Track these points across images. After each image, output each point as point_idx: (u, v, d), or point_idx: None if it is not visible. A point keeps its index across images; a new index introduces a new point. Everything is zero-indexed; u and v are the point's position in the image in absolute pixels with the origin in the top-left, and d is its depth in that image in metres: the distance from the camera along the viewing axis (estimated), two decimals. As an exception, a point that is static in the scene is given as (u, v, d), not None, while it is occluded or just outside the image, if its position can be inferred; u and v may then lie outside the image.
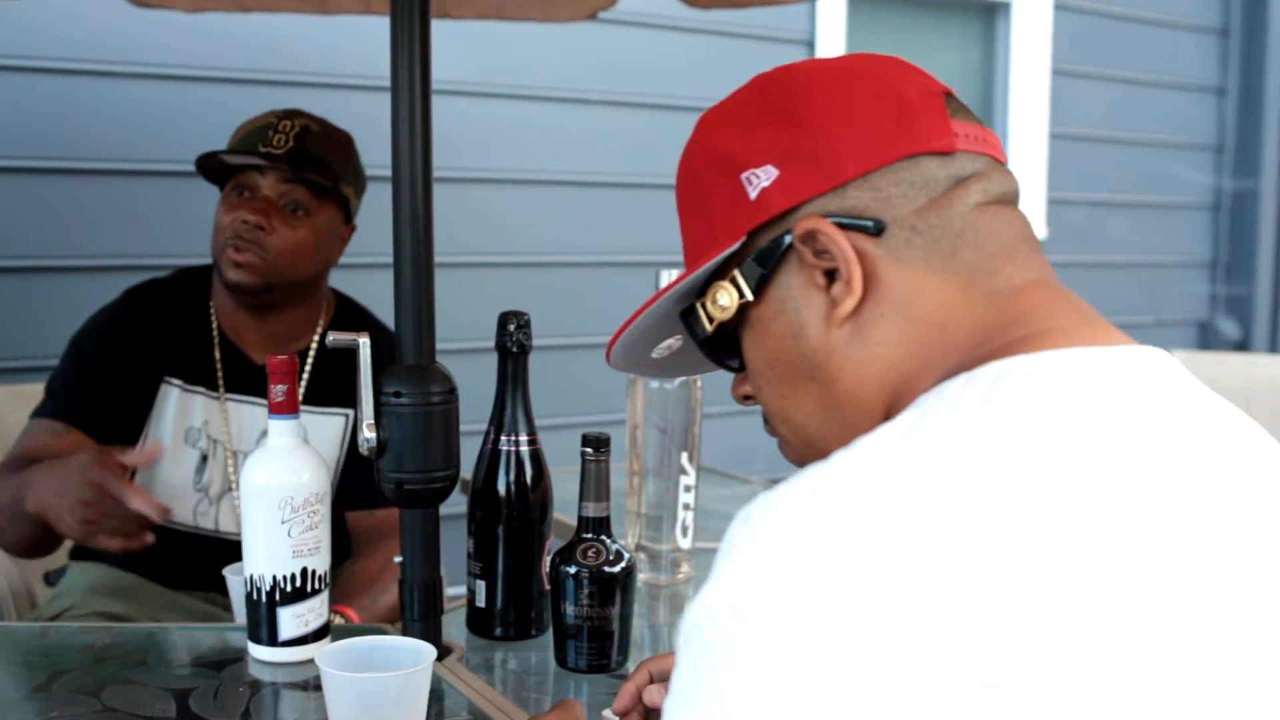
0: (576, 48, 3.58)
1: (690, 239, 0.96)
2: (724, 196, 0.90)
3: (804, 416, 0.91)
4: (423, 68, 1.47)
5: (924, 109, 0.88)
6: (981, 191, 0.87)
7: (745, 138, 0.90)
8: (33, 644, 1.55)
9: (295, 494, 1.44)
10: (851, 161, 0.85)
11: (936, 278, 0.84)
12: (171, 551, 2.03)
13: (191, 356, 2.04)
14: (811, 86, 0.90)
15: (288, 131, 1.96)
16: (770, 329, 0.90)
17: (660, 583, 1.79)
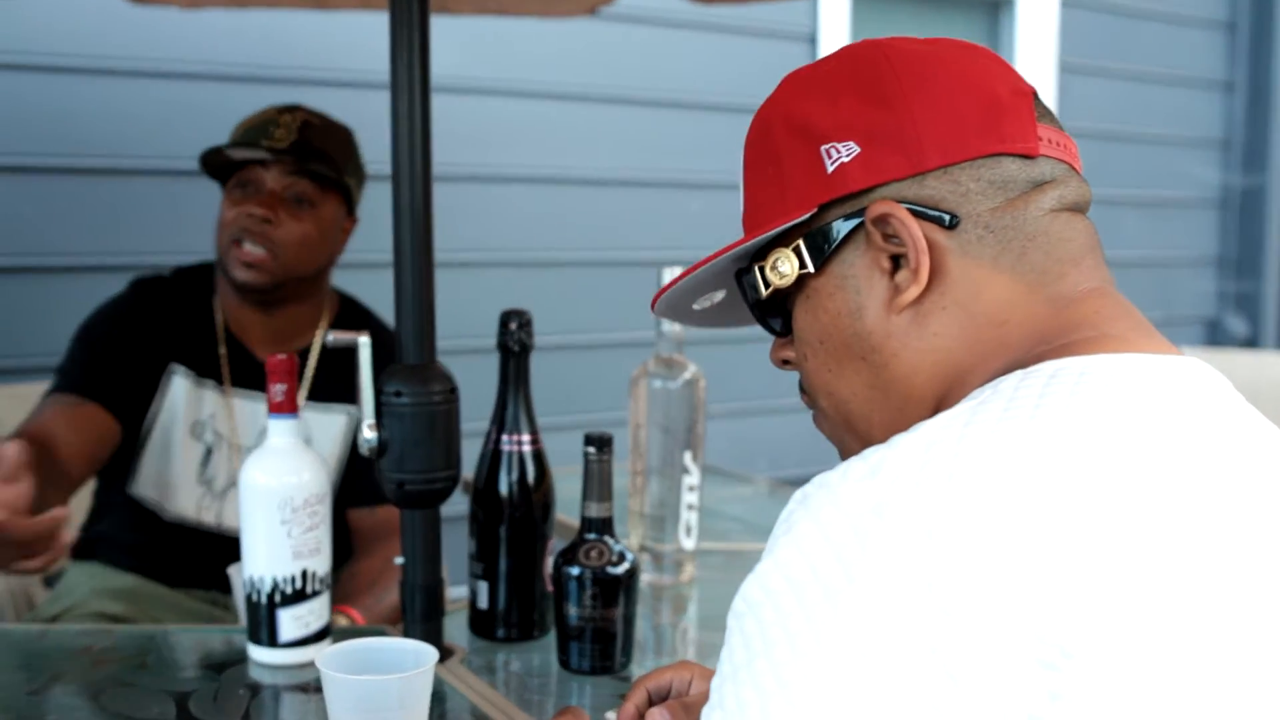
0: (576, 43, 3.57)
1: (755, 199, 0.96)
2: (800, 164, 0.90)
3: (848, 394, 0.92)
4: (422, 64, 1.46)
5: (1013, 108, 0.88)
6: (1057, 198, 0.87)
7: (829, 109, 0.89)
8: (31, 646, 1.54)
9: (295, 495, 1.43)
10: (935, 151, 0.86)
11: (1003, 277, 0.85)
12: (174, 548, 2.02)
13: (198, 348, 2.03)
14: (903, 68, 0.89)
15: (290, 125, 1.96)
16: (827, 303, 0.91)
17: (664, 583, 1.78)
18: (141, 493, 2.03)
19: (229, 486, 2.03)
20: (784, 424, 3.73)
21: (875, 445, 0.79)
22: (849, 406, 0.92)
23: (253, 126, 1.98)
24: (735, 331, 1.22)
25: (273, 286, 1.97)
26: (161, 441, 2.01)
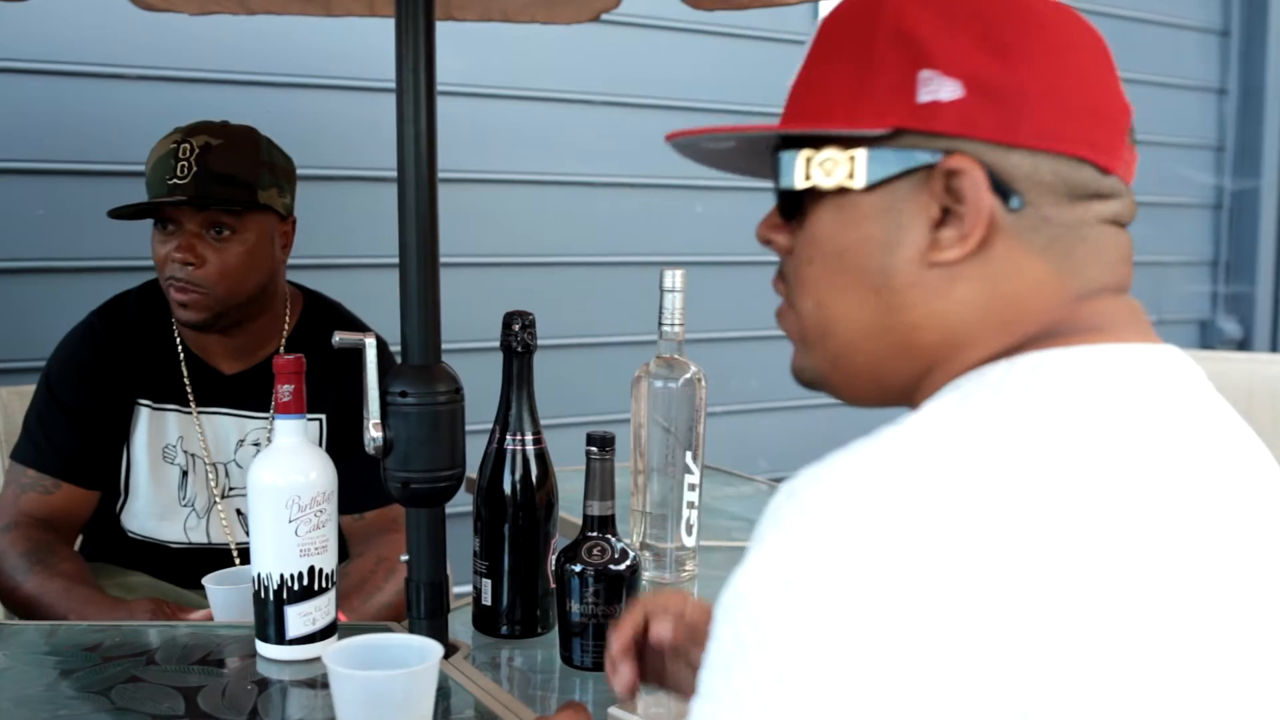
0: (580, 49, 3.59)
1: (821, 84, 0.89)
2: (891, 77, 0.84)
3: (842, 315, 0.89)
4: (427, 69, 1.48)
5: (1112, 121, 0.87)
6: (1113, 212, 0.86)
7: (945, 35, 0.83)
8: (42, 642, 1.56)
9: (302, 493, 1.45)
10: (1031, 130, 0.82)
11: (1044, 267, 0.84)
12: (171, 567, 2.05)
13: (159, 375, 2.04)
14: (1034, 27, 0.84)
15: (189, 157, 1.88)
16: (862, 224, 0.86)
17: (665, 581, 1.80)
18: (129, 525, 2.06)
19: (211, 504, 2.04)
20: (784, 423, 3.75)
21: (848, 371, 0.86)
22: (837, 326, 0.89)
23: (158, 162, 1.92)
24: (735, 332, 1.23)
25: (214, 319, 1.95)
26: (137, 475, 2.04)
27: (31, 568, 1.83)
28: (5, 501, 1.96)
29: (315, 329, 2.07)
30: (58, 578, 1.82)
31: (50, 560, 1.85)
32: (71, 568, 1.86)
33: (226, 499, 2.04)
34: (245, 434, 2.04)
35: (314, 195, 2.12)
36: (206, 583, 1.67)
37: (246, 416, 2.04)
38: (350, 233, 3.17)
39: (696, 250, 3.80)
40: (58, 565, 1.85)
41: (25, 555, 1.85)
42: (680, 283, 1.77)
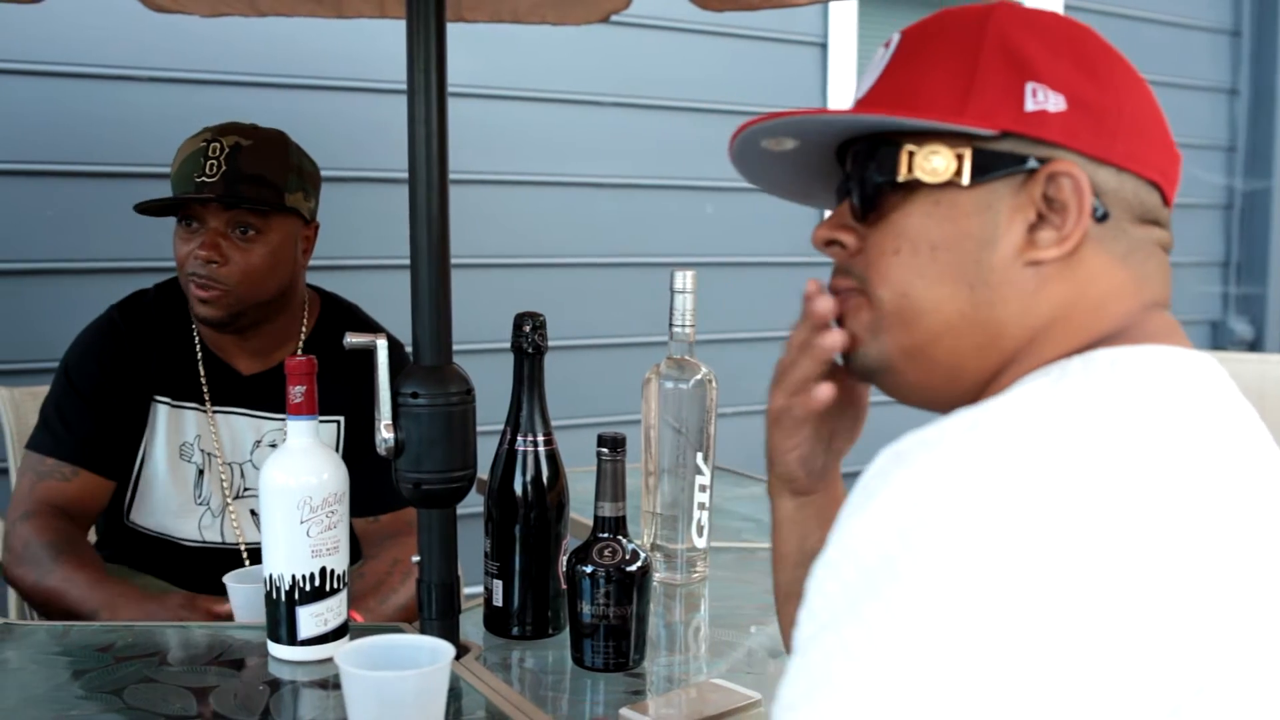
0: (589, 50, 3.59)
1: (925, 79, 0.93)
2: (999, 83, 0.89)
3: (931, 306, 0.91)
4: (438, 71, 1.48)
5: (1175, 159, 0.94)
6: (1165, 240, 0.93)
7: (1047, 55, 0.90)
8: (55, 643, 1.56)
9: (314, 494, 1.45)
10: (1123, 150, 0.89)
11: (1123, 273, 0.90)
12: (185, 566, 2.05)
13: (177, 373, 2.04)
14: (1116, 61, 0.92)
15: (219, 156, 1.90)
16: (960, 219, 0.90)
17: (676, 582, 1.80)
18: (141, 521, 2.06)
19: (225, 504, 2.05)
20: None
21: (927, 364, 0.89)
22: (924, 317, 0.92)
23: (186, 159, 1.93)
24: (746, 333, 1.23)
25: (233, 318, 1.96)
26: (152, 471, 2.04)
27: (56, 558, 1.82)
28: (22, 490, 1.96)
29: (333, 331, 2.07)
30: (85, 569, 1.81)
31: (74, 551, 1.84)
32: (95, 556, 1.86)
33: (240, 499, 2.05)
34: (262, 435, 2.04)
35: (323, 196, 2.12)
36: (228, 580, 1.68)
37: (263, 417, 2.05)
38: (359, 234, 3.17)
39: (707, 251, 3.81)
40: (81, 555, 1.84)
41: (48, 546, 1.84)
42: (691, 284, 1.77)
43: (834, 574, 0.71)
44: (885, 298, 0.93)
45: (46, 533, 1.87)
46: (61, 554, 1.83)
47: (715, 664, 1.55)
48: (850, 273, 0.97)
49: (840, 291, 0.99)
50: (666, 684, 1.51)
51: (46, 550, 1.83)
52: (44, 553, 1.83)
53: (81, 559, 1.83)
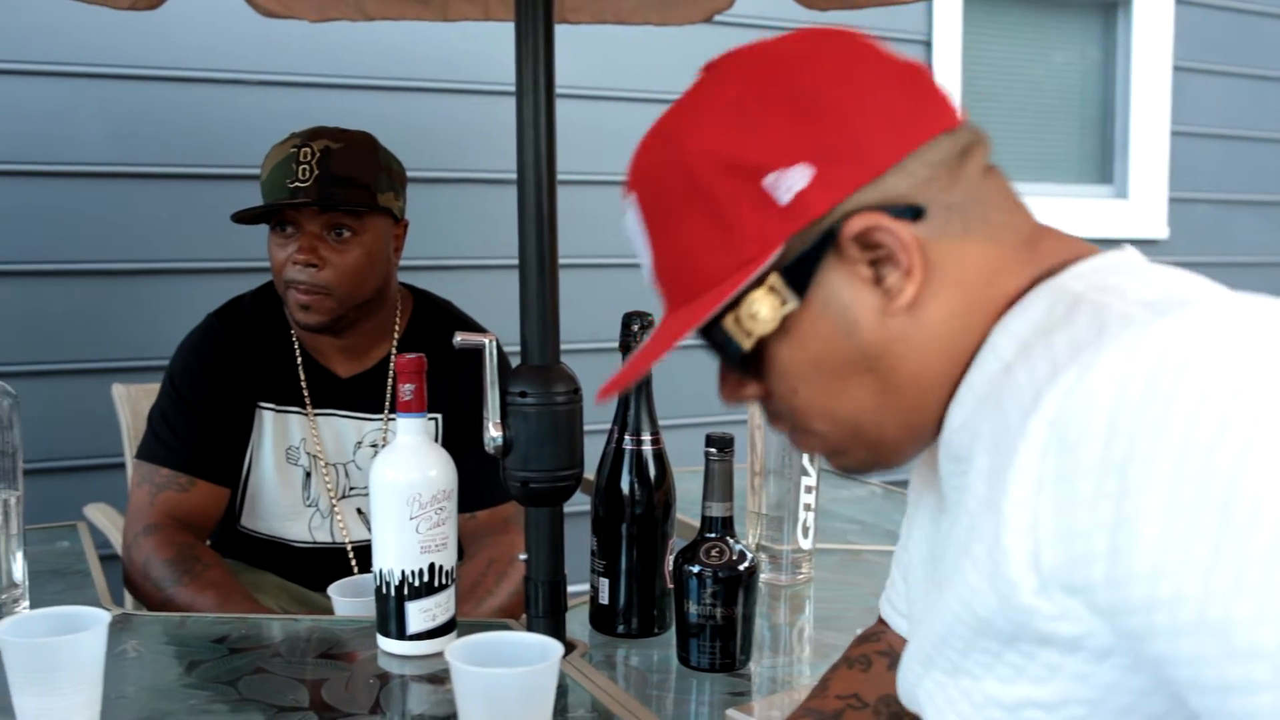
0: (692, 51, 3.58)
1: (690, 256, 0.89)
2: (744, 206, 0.84)
3: (854, 409, 0.89)
4: (547, 72, 1.49)
5: (926, 86, 0.88)
6: (984, 156, 0.88)
7: (758, 139, 0.84)
8: (172, 634, 1.60)
9: (423, 490, 1.47)
10: (885, 150, 0.83)
11: (976, 244, 0.86)
12: (298, 566, 2.08)
13: (279, 378, 2.06)
14: (818, 72, 0.86)
15: (310, 160, 1.92)
16: (814, 330, 0.86)
17: (781, 583, 1.79)
18: (252, 526, 2.09)
19: (332, 504, 2.07)
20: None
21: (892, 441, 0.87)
22: (856, 421, 0.89)
23: (276, 166, 1.95)
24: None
25: (334, 320, 1.97)
26: (260, 476, 2.06)
27: (179, 578, 1.82)
28: (140, 503, 1.96)
29: (426, 330, 2.09)
30: (209, 589, 1.81)
31: (196, 569, 1.84)
32: (218, 575, 1.85)
33: (345, 499, 2.07)
34: (363, 435, 2.07)
35: (424, 197, 2.14)
36: (332, 593, 1.70)
37: (363, 418, 2.07)
38: (456, 234, 3.20)
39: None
40: (205, 574, 1.84)
41: (170, 563, 1.84)
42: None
43: (1111, 434, 0.68)
44: (819, 428, 0.92)
45: (168, 549, 1.87)
46: (184, 573, 1.83)
47: (820, 666, 1.53)
48: (778, 416, 0.95)
49: (784, 431, 0.96)
50: (771, 686, 1.50)
51: (169, 569, 1.84)
52: (167, 572, 1.84)
53: (203, 578, 1.83)
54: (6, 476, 1.57)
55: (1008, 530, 0.73)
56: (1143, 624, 0.67)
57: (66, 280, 2.99)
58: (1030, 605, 0.73)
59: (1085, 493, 0.69)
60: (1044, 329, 0.78)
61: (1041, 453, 0.71)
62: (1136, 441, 0.67)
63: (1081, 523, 0.69)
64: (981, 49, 4.30)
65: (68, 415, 2.94)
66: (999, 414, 0.79)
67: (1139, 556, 0.66)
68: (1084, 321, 0.76)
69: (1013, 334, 0.82)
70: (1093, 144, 4.69)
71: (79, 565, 1.92)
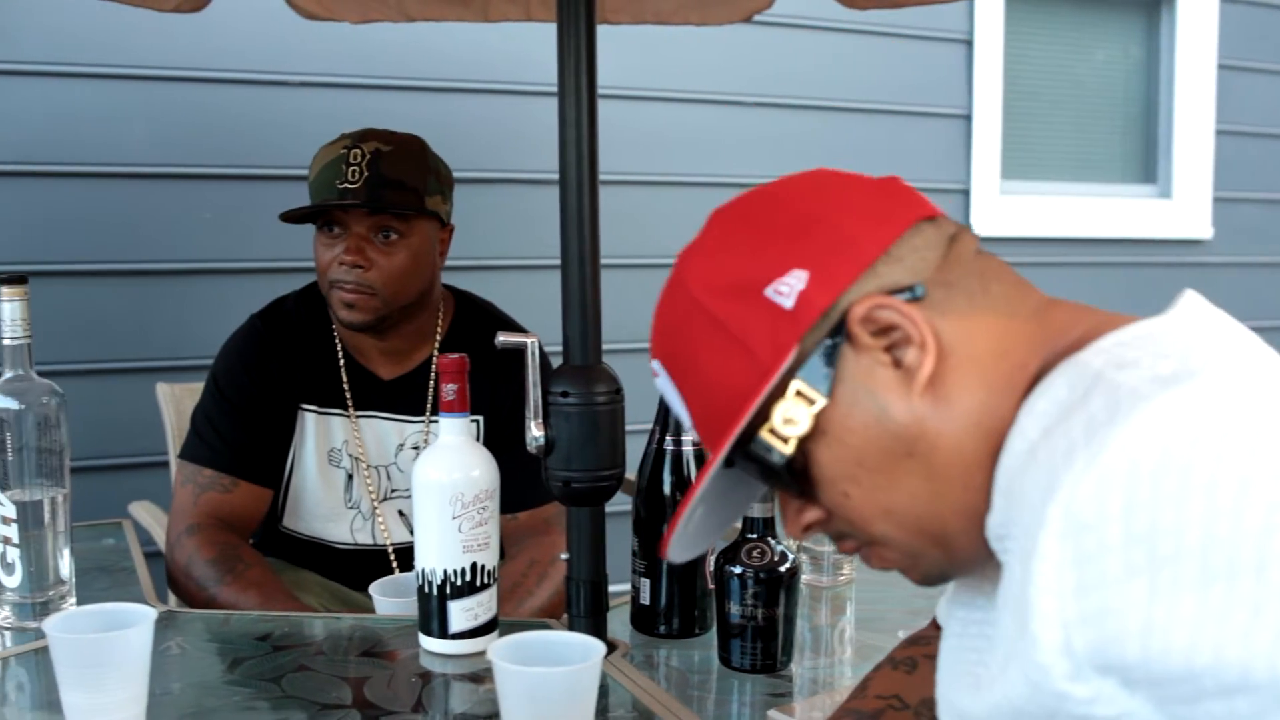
0: (732, 51, 3.59)
1: (718, 378, 0.91)
2: (752, 319, 0.88)
3: (908, 500, 0.88)
4: (589, 73, 1.50)
5: (898, 186, 0.93)
6: (972, 242, 0.91)
7: (751, 259, 0.90)
8: (216, 631, 1.61)
9: (465, 490, 1.47)
10: (870, 241, 0.88)
11: (982, 316, 0.88)
12: (339, 567, 2.10)
13: (321, 380, 2.07)
14: (793, 199, 0.92)
15: (360, 162, 1.93)
16: (849, 425, 0.87)
17: (822, 584, 1.79)
18: (294, 527, 2.10)
19: (375, 506, 2.08)
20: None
21: (956, 533, 0.86)
22: (915, 511, 0.89)
23: (326, 166, 1.96)
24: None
25: (378, 321, 1.98)
26: (302, 478, 2.07)
27: (222, 578, 1.84)
28: (184, 503, 1.98)
29: (468, 331, 2.09)
30: (251, 589, 1.82)
31: (239, 568, 1.85)
32: (260, 574, 1.86)
33: (387, 501, 2.08)
34: (405, 438, 2.08)
35: (463, 198, 2.15)
36: (373, 592, 1.71)
37: (405, 421, 2.08)
38: (494, 234, 3.21)
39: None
40: (247, 573, 1.85)
41: (213, 563, 1.86)
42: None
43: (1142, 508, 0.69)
44: (882, 532, 0.91)
45: (210, 549, 1.88)
46: (226, 573, 1.84)
47: (861, 667, 1.52)
48: (844, 534, 0.95)
49: (855, 552, 0.96)
50: (812, 687, 1.50)
51: (211, 569, 1.85)
52: (209, 571, 1.85)
53: (245, 577, 1.84)
54: (54, 474, 1.59)
55: (1035, 617, 0.73)
56: (1189, 691, 0.68)
57: (112, 280, 3.02)
58: (1063, 691, 0.74)
59: (1113, 571, 0.69)
60: (1065, 409, 0.78)
61: (1060, 538, 0.72)
62: (1159, 514, 0.68)
63: (1113, 601, 0.69)
64: (1023, 47, 4.27)
65: (113, 414, 2.97)
66: (1023, 498, 0.79)
67: (1177, 630, 0.67)
68: (1099, 402, 0.76)
69: (1037, 414, 0.82)
70: (1136, 143, 4.65)
71: (124, 562, 1.94)
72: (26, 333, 1.58)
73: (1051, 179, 4.44)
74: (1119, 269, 4.32)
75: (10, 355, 1.57)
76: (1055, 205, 4.35)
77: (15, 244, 2.91)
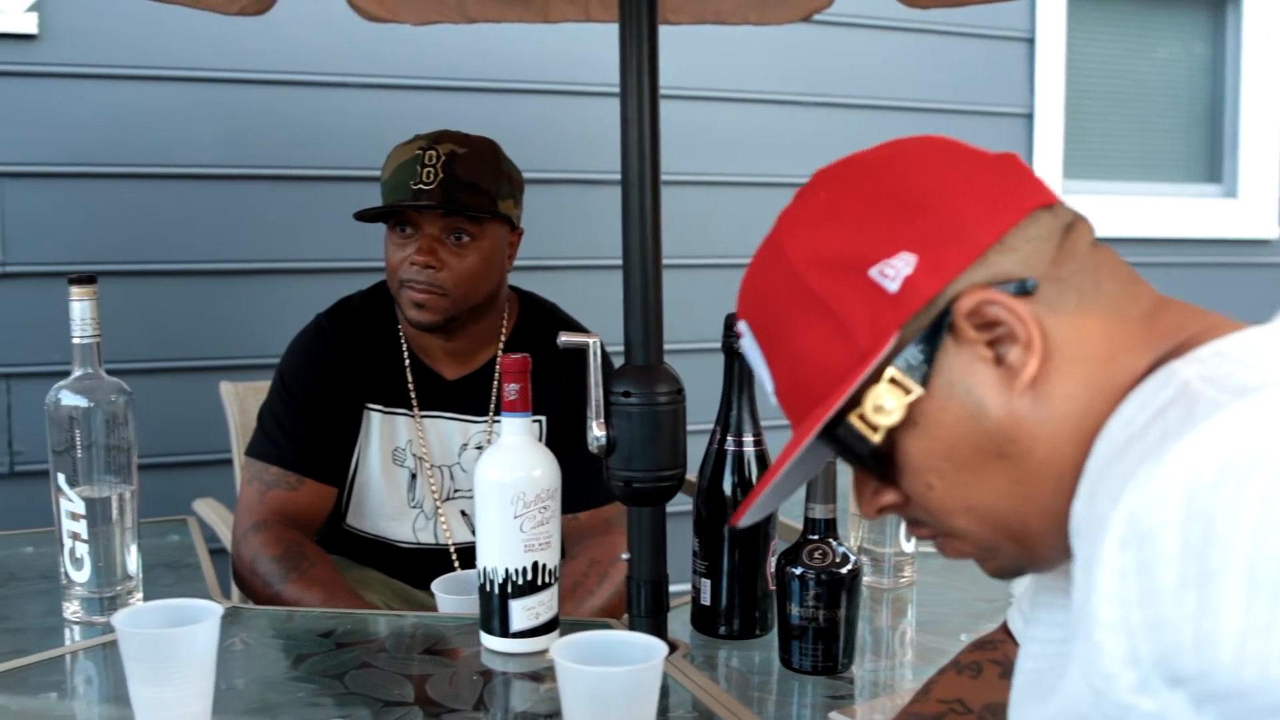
0: (791, 50, 3.58)
1: (811, 357, 0.89)
2: (854, 299, 0.85)
3: (994, 499, 0.86)
4: (651, 73, 1.50)
5: (1018, 168, 0.89)
6: (1088, 234, 0.88)
7: (857, 234, 0.86)
8: (280, 628, 1.63)
9: (527, 490, 1.48)
10: (984, 229, 0.84)
11: (1094, 317, 0.84)
12: (402, 565, 2.11)
13: (386, 380, 2.08)
14: (906, 172, 0.88)
15: (435, 163, 1.94)
16: (942, 418, 0.85)
17: (883, 586, 1.78)
18: (358, 525, 2.12)
19: (437, 506, 2.09)
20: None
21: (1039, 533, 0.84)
22: (998, 510, 0.87)
23: (401, 166, 1.97)
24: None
25: (447, 321, 1.99)
26: (367, 477, 2.08)
27: (287, 575, 1.85)
28: (250, 500, 2.00)
29: (532, 332, 2.10)
30: (316, 586, 1.83)
31: (303, 565, 1.87)
32: (325, 571, 1.87)
33: (450, 501, 2.09)
34: (468, 438, 2.09)
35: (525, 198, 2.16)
36: (436, 589, 1.72)
37: (469, 421, 2.09)
38: (556, 234, 3.22)
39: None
40: (312, 571, 1.86)
41: (278, 560, 1.87)
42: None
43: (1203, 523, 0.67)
44: (961, 526, 0.90)
45: (275, 545, 1.90)
46: (291, 570, 1.86)
47: (922, 670, 1.52)
48: (919, 520, 0.93)
49: (929, 539, 0.95)
50: (873, 689, 1.49)
51: (276, 565, 1.87)
52: (274, 568, 1.86)
53: (310, 575, 1.85)
54: (122, 471, 1.61)
55: (1098, 625, 0.72)
56: (1243, 708, 0.67)
57: (178, 280, 3.06)
58: (1128, 703, 0.73)
59: (1168, 582, 0.68)
60: (1150, 417, 0.77)
61: (1121, 545, 0.70)
62: (1213, 525, 0.66)
63: (1169, 613, 0.68)
64: (1086, 45, 4.23)
65: (178, 412, 3.01)
66: (1095, 505, 0.77)
67: (1223, 644, 0.66)
68: (1177, 411, 0.74)
69: (1124, 420, 0.80)
70: (1200, 142, 4.59)
71: (189, 559, 1.96)
72: (96, 332, 1.60)
73: (1114, 178, 4.39)
74: (1183, 269, 4.26)
75: (80, 354, 1.60)
76: (1118, 205, 4.30)
77: (84, 244, 2.96)
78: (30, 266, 2.92)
